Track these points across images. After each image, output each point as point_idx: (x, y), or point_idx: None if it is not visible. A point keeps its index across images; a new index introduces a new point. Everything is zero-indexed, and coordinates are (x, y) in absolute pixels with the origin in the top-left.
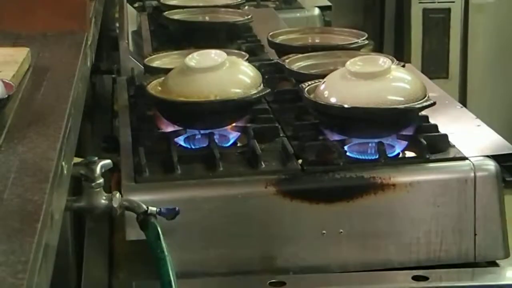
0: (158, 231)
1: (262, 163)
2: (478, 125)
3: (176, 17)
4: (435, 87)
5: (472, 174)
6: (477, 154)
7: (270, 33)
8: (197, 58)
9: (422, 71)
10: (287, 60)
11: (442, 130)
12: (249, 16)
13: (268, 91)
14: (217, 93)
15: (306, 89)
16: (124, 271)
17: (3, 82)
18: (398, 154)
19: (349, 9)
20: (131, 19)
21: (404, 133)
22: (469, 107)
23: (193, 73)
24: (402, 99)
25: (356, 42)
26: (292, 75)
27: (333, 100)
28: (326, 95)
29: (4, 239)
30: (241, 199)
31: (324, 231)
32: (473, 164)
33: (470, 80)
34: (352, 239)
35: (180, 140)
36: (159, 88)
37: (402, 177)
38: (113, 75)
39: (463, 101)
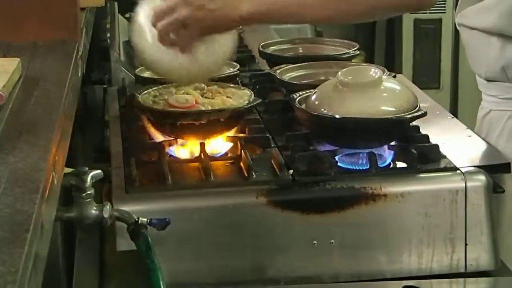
0: (148, 241)
1: (253, 173)
2: (469, 136)
3: None
4: (426, 98)
5: (463, 185)
6: (468, 165)
7: (261, 44)
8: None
9: (413, 82)
10: (278, 71)
11: (433, 140)
12: (240, 27)
13: (259, 101)
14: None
15: (297, 99)
16: (115, 282)
17: None
18: (389, 164)
19: None
20: (123, 29)
21: (395, 143)
22: (460, 117)
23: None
24: (393, 109)
25: (347, 53)
26: (283, 86)
27: (324, 110)
28: (317, 106)
29: None
30: (232, 210)
31: (315, 242)
32: (464, 175)
33: (462, 91)
34: (343, 249)
35: (171, 151)
36: (152, 99)
37: (393, 188)
38: (104, 86)
39: (454, 111)
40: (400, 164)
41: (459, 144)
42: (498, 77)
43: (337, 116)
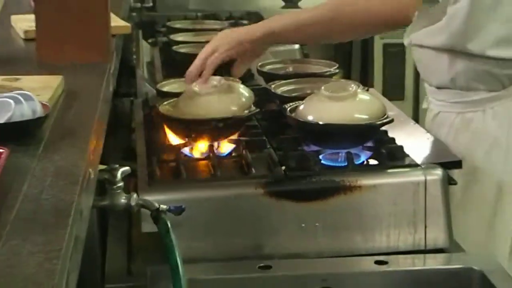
0: (167, 224)
1: (253, 169)
2: (428, 138)
3: (182, 50)
4: (393, 107)
5: (423, 178)
6: (427, 162)
7: (259, 64)
8: (200, 83)
9: (383, 94)
10: (272, 85)
11: (398, 142)
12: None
13: (257, 110)
14: (216, 112)
15: (288, 109)
16: (140, 258)
17: (41, 103)
18: (363, 162)
19: (323, 44)
20: (146, 52)
21: (368, 144)
22: (420, 123)
23: (197, 96)
24: (367, 117)
25: (329, 71)
26: (277, 98)
27: (310, 118)
28: (305, 114)
29: (41, 231)
30: (235, 199)
31: (303, 224)
32: (424, 170)
33: (422, 101)
34: (326, 231)
35: (186, 151)
36: (170, 109)
37: (367, 181)
38: (131, 98)
39: (415, 118)
40: (372, 162)
41: (420, 145)
42: (447, 85)
43: (320, 123)
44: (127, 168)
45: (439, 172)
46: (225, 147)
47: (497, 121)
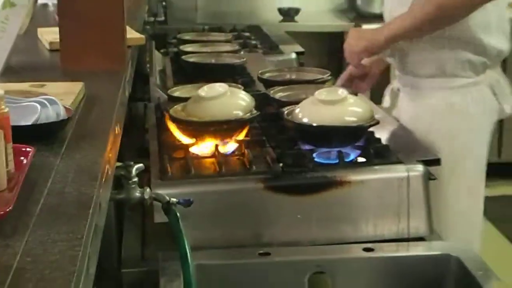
0: (177, 216)
1: (253, 166)
2: (411, 138)
3: (191, 60)
4: (379, 110)
5: (407, 174)
6: (410, 159)
7: (259, 71)
8: (206, 89)
9: (370, 99)
10: (271, 91)
11: (384, 142)
12: (244, 59)
13: (258, 113)
14: (221, 115)
15: (285, 112)
16: (153, 245)
17: (65, 107)
18: (353, 159)
19: (317, 53)
20: (158, 61)
21: (357, 144)
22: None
23: (204, 100)
24: (355, 119)
25: (322, 78)
26: (275, 102)
27: (305, 120)
28: (300, 117)
29: (65, 221)
30: (238, 193)
31: (298, 216)
32: (407, 167)
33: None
34: (319, 221)
35: (194, 149)
36: (180, 112)
37: (356, 176)
38: (145, 102)
39: None
40: (361, 159)
41: (403, 144)
42: (435, 74)
43: (314, 124)
44: (141, 165)
45: (420, 169)
46: (229, 146)
47: (474, 104)
